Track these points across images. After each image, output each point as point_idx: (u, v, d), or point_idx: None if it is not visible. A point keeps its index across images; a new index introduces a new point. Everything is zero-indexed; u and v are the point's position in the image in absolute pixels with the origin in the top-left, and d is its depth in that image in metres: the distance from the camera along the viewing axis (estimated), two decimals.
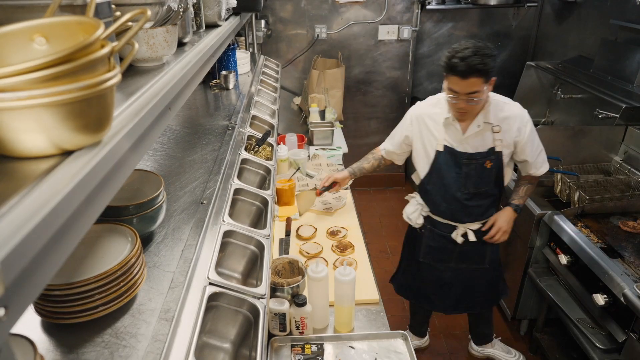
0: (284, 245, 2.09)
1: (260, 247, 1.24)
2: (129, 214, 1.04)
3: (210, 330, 0.98)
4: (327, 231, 2.21)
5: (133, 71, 0.86)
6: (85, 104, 0.47)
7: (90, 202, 0.49)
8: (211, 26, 1.54)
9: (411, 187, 4.67)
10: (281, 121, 3.75)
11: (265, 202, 1.47)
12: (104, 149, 0.52)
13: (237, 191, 1.42)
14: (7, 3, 0.59)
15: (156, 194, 1.10)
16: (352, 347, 1.53)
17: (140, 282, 0.92)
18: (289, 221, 2.25)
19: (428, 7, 3.81)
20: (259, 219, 1.43)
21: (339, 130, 3.42)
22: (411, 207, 2.15)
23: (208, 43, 1.26)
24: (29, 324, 0.86)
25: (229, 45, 2.43)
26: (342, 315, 1.62)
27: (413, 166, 2.10)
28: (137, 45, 0.59)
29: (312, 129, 3.12)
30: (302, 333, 1.58)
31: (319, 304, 1.61)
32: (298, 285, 1.56)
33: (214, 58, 1.40)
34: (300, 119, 3.77)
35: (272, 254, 1.70)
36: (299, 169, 2.66)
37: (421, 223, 2.12)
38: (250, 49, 3.15)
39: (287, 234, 2.17)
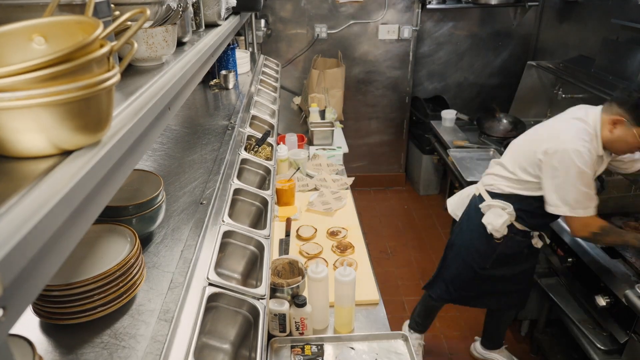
0: (284, 245, 2.09)
1: (260, 247, 1.24)
2: (128, 214, 1.04)
3: (210, 331, 0.98)
4: (327, 231, 2.20)
5: (132, 71, 0.86)
6: (84, 103, 0.47)
7: (89, 202, 0.49)
8: (211, 26, 1.54)
9: (412, 188, 4.70)
10: (281, 121, 3.75)
11: (265, 203, 1.47)
12: (103, 149, 0.52)
13: (237, 191, 1.42)
14: (6, 2, 0.59)
15: (155, 194, 1.09)
16: (352, 348, 1.52)
17: (140, 283, 0.92)
18: (288, 221, 2.25)
19: (428, 6, 3.81)
20: (259, 219, 1.43)
21: (339, 130, 3.42)
22: (500, 218, 2.03)
23: (207, 42, 1.26)
24: (28, 324, 0.86)
25: (228, 44, 2.43)
26: (342, 315, 1.62)
27: (414, 167, 2.09)
28: (136, 45, 0.59)
29: (312, 129, 3.12)
30: (302, 334, 1.58)
31: (319, 305, 1.61)
32: (298, 286, 1.56)
33: (213, 58, 1.40)
34: (300, 119, 3.77)
35: (272, 254, 1.70)
36: (299, 169, 2.66)
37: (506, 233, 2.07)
38: (250, 49, 3.15)
39: (287, 234, 2.17)
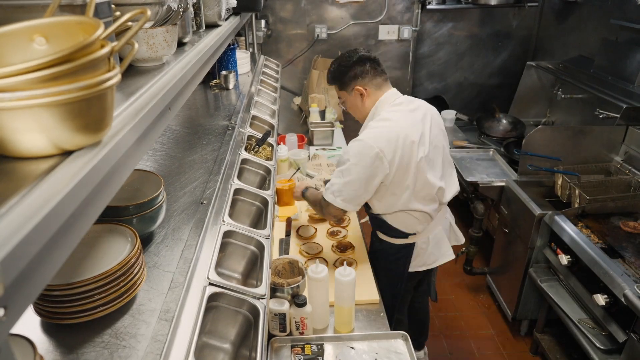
0: (284, 245, 2.09)
1: (260, 247, 1.24)
2: (128, 214, 1.04)
3: (210, 330, 0.98)
4: (327, 231, 2.21)
5: (133, 71, 0.86)
6: (85, 104, 0.47)
7: (90, 202, 0.49)
8: (211, 26, 1.54)
9: None
10: (281, 121, 3.74)
11: (265, 203, 1.47)
12: (104, 149, 0.52)
13: (237, 191, 1.42)
14: (7, 3, 0.59)
15: (156, 194, 1.10)
16: (352, 348, 1.52)
17: (140, 283, 0.92)
18: (289, 221, 2.25)
19: (428, 7, 3.81)
20: (259, 219, 1.43)
21: (339, 131, 3.42)
22: None
23: (208, 43, 1.26)
24: (29, 324, 0.86)
25: (229, 45, 2.43)
26: (342, 315, 1.62)
27: None
28: (136, 45, 0.59)
29: (312, 129, 3.12)
30: (302, 333, 1.58)
31: (319, 305, 1.61)
32: (298, 286, 1.56)
33: (214, 58, 1.40)
34: (300, 119, 3.77)
35: (272, 254, 1.70)
36: (299, 169, 2.66)
37: None
38: (250, 49, 3.15)
39: (287, 234, 2.17)
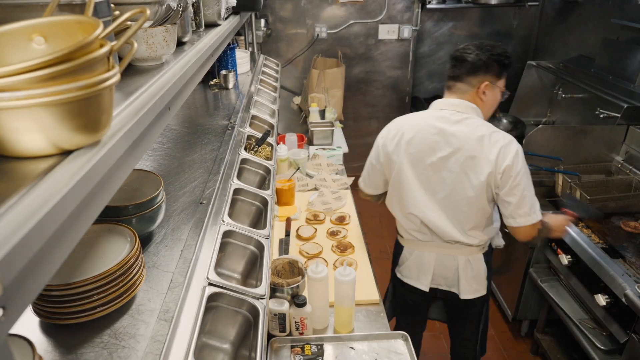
0: (284, 245, 2.09)
1: (260, 247, 1.24)
2: (128, 214, 1.04)
3: (210, 330, 0.98)
4: (327, 231, 2.20)
5: (132, 70, 0.86)
6: (84, 103, 0.47)
7: (89, 202, 0.49)
8: (211, 25, 1.54)
9: None
10: (281, 121, 3.74)
11: (265, 202, 1.46)
12: (103, 149, 0.52)
13: (237, 191, 1.42)
14: (6, 2, 0.59)
15: (155, 194, 1.09)
16: (352, 348, 1.52)
17: (140, 283, 0.92)
18: (288, 221, 2.25)
19: (428, 6, 3.81)
20: (259, 219, 1.43)
21: (339, 130, 3.42)
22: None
23: (207, 42, 1.25)
24: (28, 324, 0.86)
25: (228, 44, 2.43)
26: (342, 315, 1.62)
27: None
28: (136, 45, 0.59)
29: (312, 129, 3.12)
30: (302, 334, 1.57)
31: (319, 305, 1.60)
32: (298, 286, 1.56)
33: (213, 57, 1.40)
34: (300, 119, 3.77)
35: (271, 254, 1.70)
36: (298, 168, 2.66)
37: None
38: (250, 49, 3.15)
39: (287, 234, 2.17)
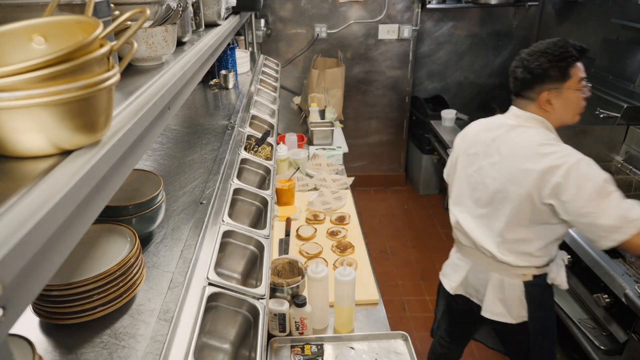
0: (284, 245, 2.09)
1: (260, 247, 1.24)
2: (128, 214, 1.04)
3: (210, 330, 0.98)
4: (327, 231, 2.20)
5: (132, 70, 0.86)
6: (84, 103, 0.47)
7: (89, 202, 0.49)
8: (210, 25, 1.54)
9: (411, 187, 4.68)
10: (281, 121, 3.74)
11: (264, 202, 1.46)
12: (103, 149, 0.52)
13: (237, 191, 1.42)
14: (6, 2, 0.59)
15: (155, 193, 1.09)
16: (352, 348, 1.52)
17: (140, 283, 0.92)
18: (288, 221, 2.25)
19: (428, 6, 3.81)
20: (259, 219, 1.43)
21: (339, 130, 3.42)
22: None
23: (207, 42, 1.25)
24: (28, 324, 0.86)
25: (228, 44, 2.43)
26: (342, 315, 1.62)
27: (414, 167, 2.05)
28: (136, 45, 0.59)
29: (312, 129, 3.12)
30: (301, 334, 1.57)
31: (319, 305, 1.61)
32: (298, 286, 1.56)
33: (213, 57, 1.40)
34: (300, 119, 3.77)
35: (271, 254, 1.70)
36: (298, 168, 2.66)
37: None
38: (250, 48, 3.15)
39: (287, 234, 2.17)
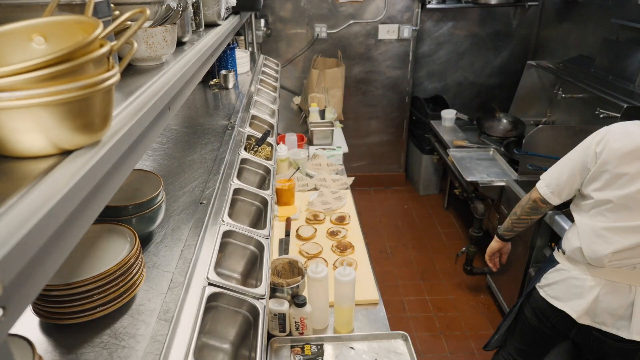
0: (284, 245, 2.09)
1: (260, 247, 1.24)
2: (128, 214, 1.04)
3: (210, 330, 0.98)
4: (327, 231, 2.20)
5: (132, 70, 0.86)
6: (84, 103, 0.47)
7: (89, 202, 0.49)
8: (210, 25, 1.54)
9: (412, 187, 4.69)
10: (281, 121, 3.75)
11: (264, 202, 1.46)
12: (103, 149, 0.52)
13: (237, 191, 1.42)
14: (6, 2, 0.59)
15: (155, 194, 1.09)
16: (352, 348, 1.52)
17: (140, 283, 0.92)
18: (288, 221, 2.25)
19: (428, 6, 3.81)
20: (259, 219, 1.43)
21: (339, 130, 3.42)
22: None
23: (207, 42, 1.26)
24: (28, 324, 0.86)
25: (228, 44, 2.43)
26: (342, 315, 1.62)
27: (414, 167, 2.05)
28: (136, 45, 0.59)
29: (312, 129, 3.12)
30: (301, 333, 1.58)
31: (319, 305, 1.61)
32: (298, 286, 1.56)
33: (213, 57, 1.40)
34: (300, 119, 3.77)
35: (271, 254, 1.70)
36: (298, 168, 2.66)
37: None
38: (250, 48, 3.15)
39: (287, 234, 2.17)
